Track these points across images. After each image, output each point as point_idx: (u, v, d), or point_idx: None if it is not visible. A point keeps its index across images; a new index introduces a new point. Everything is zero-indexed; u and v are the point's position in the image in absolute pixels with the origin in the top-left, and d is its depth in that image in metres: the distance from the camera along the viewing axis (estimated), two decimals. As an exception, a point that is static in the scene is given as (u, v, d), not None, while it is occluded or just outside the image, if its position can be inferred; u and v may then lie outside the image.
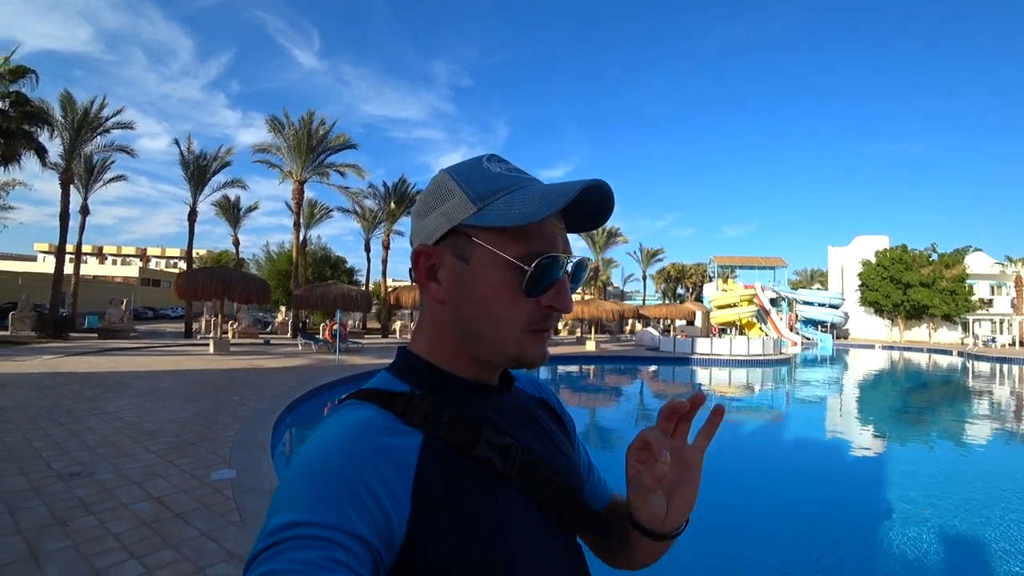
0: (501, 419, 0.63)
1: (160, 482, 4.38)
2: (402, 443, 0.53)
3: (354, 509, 0.45)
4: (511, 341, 0.59)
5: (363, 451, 0.50)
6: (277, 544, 0.42)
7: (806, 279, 70.01)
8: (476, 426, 0.58)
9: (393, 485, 0.49)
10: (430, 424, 0.56)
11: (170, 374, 11.17)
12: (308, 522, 0.43)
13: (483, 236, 0.58)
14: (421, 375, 0.62)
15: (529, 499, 0.59)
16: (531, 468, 0.60)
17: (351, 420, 0.54)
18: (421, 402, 0.57)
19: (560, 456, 0.68)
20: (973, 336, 35.18)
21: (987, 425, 10.97)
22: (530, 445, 0.63)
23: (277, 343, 21.66)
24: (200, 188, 24.58)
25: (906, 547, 4.64)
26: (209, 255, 55.53)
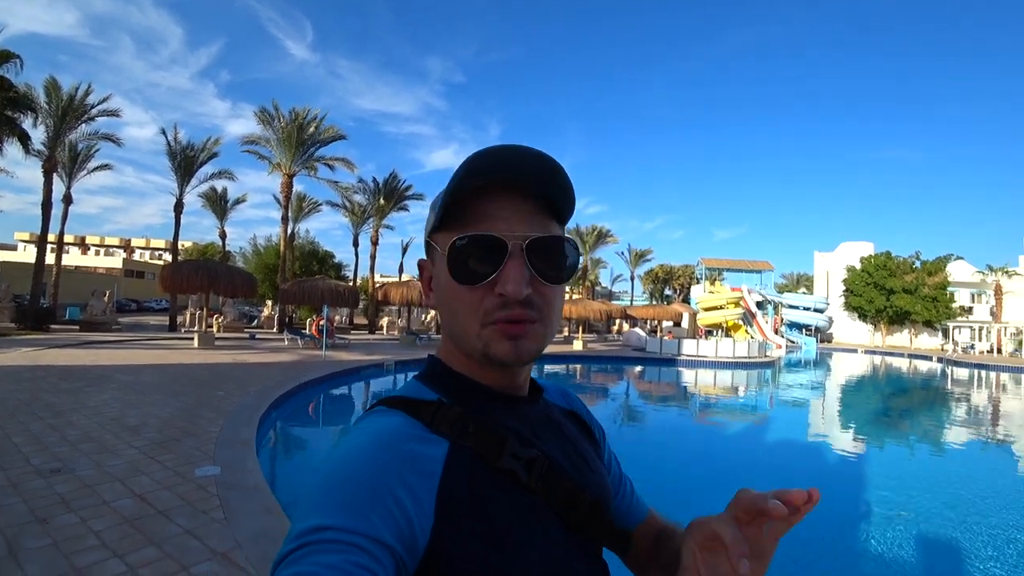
0: (528, 430, 0.62)
1: (143, 479, 4.33)
2: (428, 452, 0.53)
3: (379, 515, 0.46)
4: (473, 336, 0.58)
5: (390, 458, 0.51)
6: (303, 547, 0.43)
7: (792, 283, 70.76)
8: (502, 437, 0.57)
9: (418, 493, 0.50)
10: (456, 433, 0.56)
11: (153, 368, 11.03)
12: (333, 526, 0.44)
13: (435, 237, 0.61)
14: (449, 384, 0.62)
15: (554, 512, 0.58)
16: (556, 481, 0.59)
17: (379, 427, 0.55)
18: (449, 411, 0.57)
19: (587, 470, 0.67)
20: (953, 342, 35.81)
21: (964, 430, 11.19)
22: (556, 458, 0.62)
23: (263, 338, 21.47)
24: (187, 179, 24.23)
25: (882, 548, 4.73)
26: (195, 247, 54.91)
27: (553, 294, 0.59)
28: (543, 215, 0.60)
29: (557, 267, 0.59)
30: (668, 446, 8.98)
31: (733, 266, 44.18)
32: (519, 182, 0.57)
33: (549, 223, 0.60)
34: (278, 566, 0.42)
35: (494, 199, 0.57)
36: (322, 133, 24.67)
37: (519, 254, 0.56)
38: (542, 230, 0.58)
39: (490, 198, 0.57)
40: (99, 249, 73.13)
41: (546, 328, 0.59)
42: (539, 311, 0.58)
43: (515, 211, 0.57)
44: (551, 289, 0.59)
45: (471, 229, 0.56)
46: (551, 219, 0.61)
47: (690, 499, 5.64)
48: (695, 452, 8.32)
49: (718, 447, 8.76)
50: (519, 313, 0.56)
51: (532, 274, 0.57)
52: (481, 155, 0.55)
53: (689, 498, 5.66)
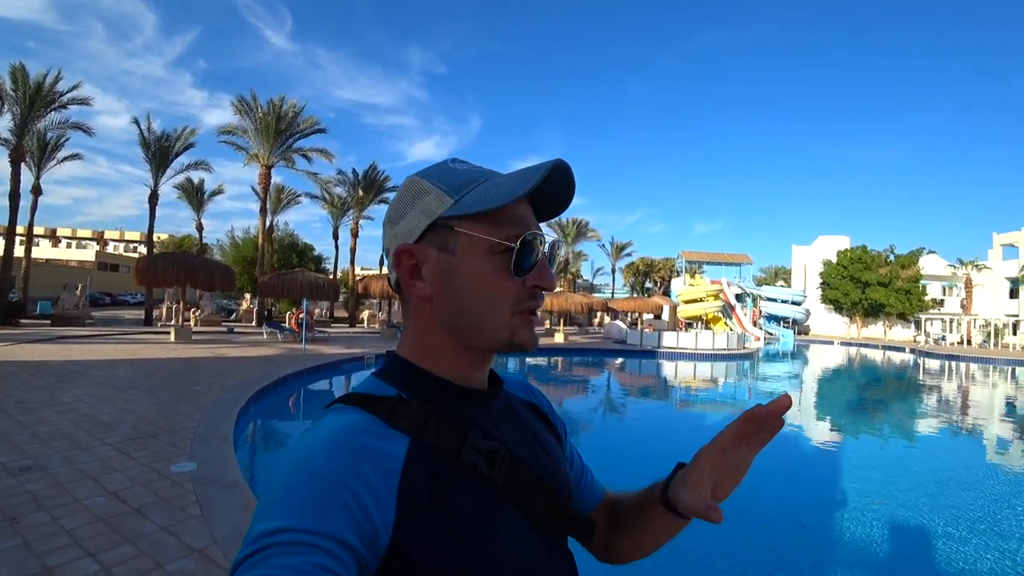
0: (489, 423, 0.63)
1: (117, 476, 4.25)
2: (388, 448, 0.53)
3: (339, 514, 0.45)
4: (503, 324, 0.60)
5: (348, 456, 0.50)
6: (262, 550, 0.42)
7: (771, 276, 71.82)
8: (463, 431, 0.58)
9: (379, 490, 0.49)
10: (416, 428, 0.55)
11: (128, 363, 10.82)
12: (293, 528, 0.43)
13: (465, 224, 0.59)
14: (408, 379, 0.62)
15: (516, 505, 0.59)
16: (518, 474, 0.60)
17: (337, 425, 0.54)
18: (408, 406, 0.57)
19: (549, 461, 0.68)
20: (925, 334, 36.75)
21: (935, 419, 11.51)
22: (518, 450, 0.63)
23: (241, 331, 21.18)
24: (162, 170, 23.69)
25: (857, 534, 4.88)
26: (171, 240, 53.80)
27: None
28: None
29: (552, 263, 0.66)
30: (648, 436, 9.09)
31: (713, 259, 44.72)
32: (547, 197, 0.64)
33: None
34: (237, 569, 0.42)
35: (524, 204, 0.62)
36: (301, 124, 24.28)
37: (544, 252, 0.62)
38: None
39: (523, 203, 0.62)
40: (71, 241, 71.33)
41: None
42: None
43: (532, 216, 0.64)
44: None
45: (517, 227, 0.60)
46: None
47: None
48: (674, 442, 8.42)
49: (697, 437, 8.79)
50: (538, 303, 0.63)
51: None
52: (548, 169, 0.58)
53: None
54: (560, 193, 0.64)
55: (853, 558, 4.52)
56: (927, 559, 4.51)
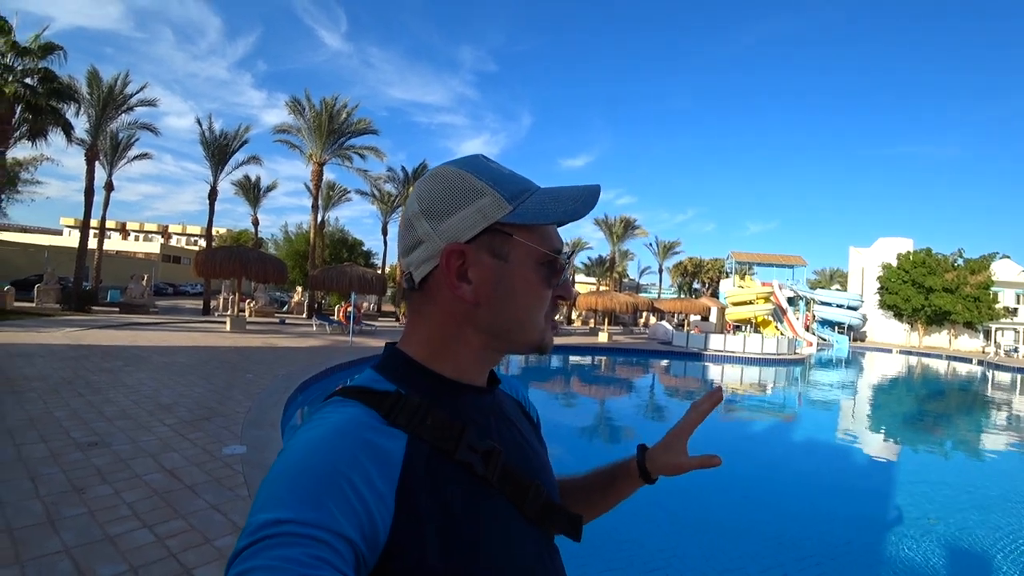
0: (485, 421, 0.64)
1: (173, 455, 4.51)
2: (387, 443, 0.53)
3: (338, 507, 0.45)
4: (538, 330, 0.64)
5: (349, 449, 0.50)
6: (261, 541, 0.42)
7: (825, 279, 68.98)
8: (460, 429, 0.58)
9: (379, 485, 0.49)
10: (414, 425, 0.56)
11: (187, 350, 11.41)
12: (292, 519, 0.43)
13: (521, 233, 0.61)
14: (408, 375, 0.62)
15: (511, 503, 0.60)
16: (512, 473, 0.61)
17: (337, 418, 0.54)
18: (406, 402, 0.57)
19: (536, 459, 0.70)
20: (995, 345, 34.46)
21: (1003, 437, 10.77)
22: (512, 449, 0.65)
23: (292, 323, 21.97)
24: (220, 167, 24.86)
25: (911, 557, 4.61)
26: (229, 233, 56.33)
27: None
28: None
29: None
30: (692, 441, 8.89)
31: (764, 260, 43.31)
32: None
33: None
34: (235, 559, 0.42)
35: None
36: (353, 124, 24.94)
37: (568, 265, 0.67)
38: None
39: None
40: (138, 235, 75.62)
41: None
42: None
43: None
44: None
45: (557, 242, 0.65)
46: None
47: (711, 498, 5.60)
48: (717, 449, 8.22)
49: (742, 444, 8.63)
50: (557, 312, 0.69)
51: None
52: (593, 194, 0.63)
53: (711, 498, 5.62)
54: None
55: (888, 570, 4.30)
56: None
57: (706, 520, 5.09)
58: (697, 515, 5.16)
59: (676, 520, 4.93)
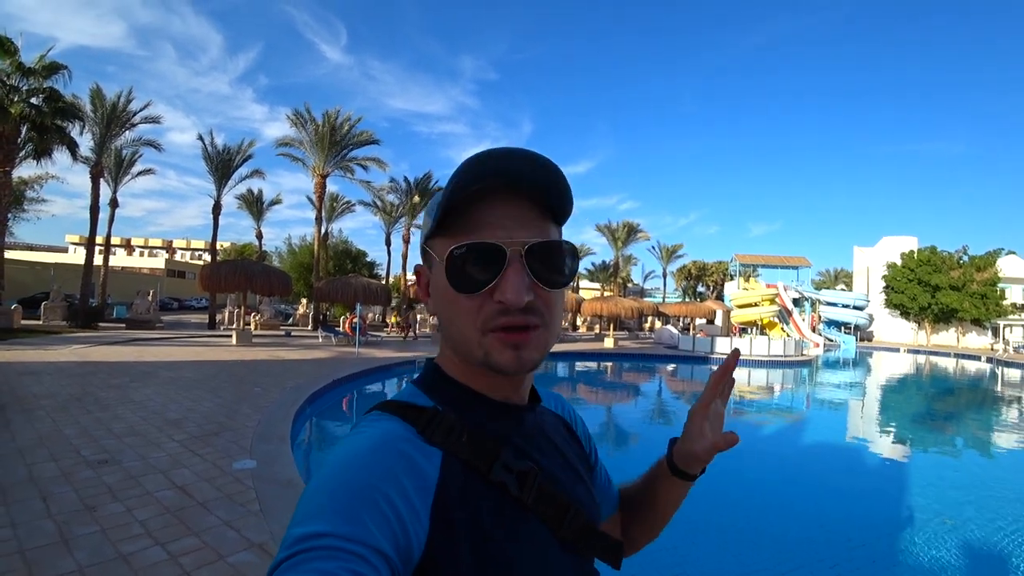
0: (524, 442, 0.62)
1: (184, 471, 4.50)
2: (423, 460, 0.53)
3: (375, 523, 0.45)
4: (474, 344, 0.57)
5: (386, 465, 0.50)
6: (299, 554, 0.42)
7: (830, 280, 68.74)
8: (495, 448, 0.57)
9: (414, 502, 0.49)
10: (450, 443, 0.55)
11: (194, 364, 11.42)
12: (330, 533, 0.43)
13: (432, 243, 0.60)
14: (446, 391, 0.62)
15: (546, 526, 0.58)
16: (549, 495, 0.59)
17: (376, 433, 0.54)
18: (443, 420, 0.57)
19: (579, 483, 0.67)
20: (1004, 342, 34.21)
21: (1015, 435, 10.67)
22: (550, 470, 0.62)
23: (298, 335, 22.00)
24: (224, 181, 24.99)
25: (923, 557, 4.56)
26: (233, 247, 56.55)
27: (554, 299, 0.59)
28: (541, 219, 0.59)
29: (557, 271, 0.58)
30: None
31: (769, 262, 43.16)
32: (516, 186, 0.57)
33: (547, 227, 0.60)
34: (274, 571, 0.42)
35: (491, 205, 0.57)
36: (355, 136, 25.07)
37: (518, 260, 0.55)
38: (540, 235, 0.57)
39: (487, 204, 0.56)
40: (143, 250, 76.10)
41: (548, 333, 0.59)
42: (540, 316, 0.57)
43: (513, 216, 0.57)
44: (552, 294, 0.58)
45: (469, 236, 0.56)
46: (549, 222, 0.60)
47: (718, 501, 5.55)
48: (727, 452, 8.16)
49: (751, 447, 8.57)
50: (519, 319, 0.56)
51: (532, 280, 0.56)
52: (476, 160, 0.54)
53: (717, 500, 5.57)
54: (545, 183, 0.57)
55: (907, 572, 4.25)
56: None
57: (714, 522, 5.04)
58: (706, 517, 5.11)
59: (685, 521, 4.89)
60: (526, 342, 0.56)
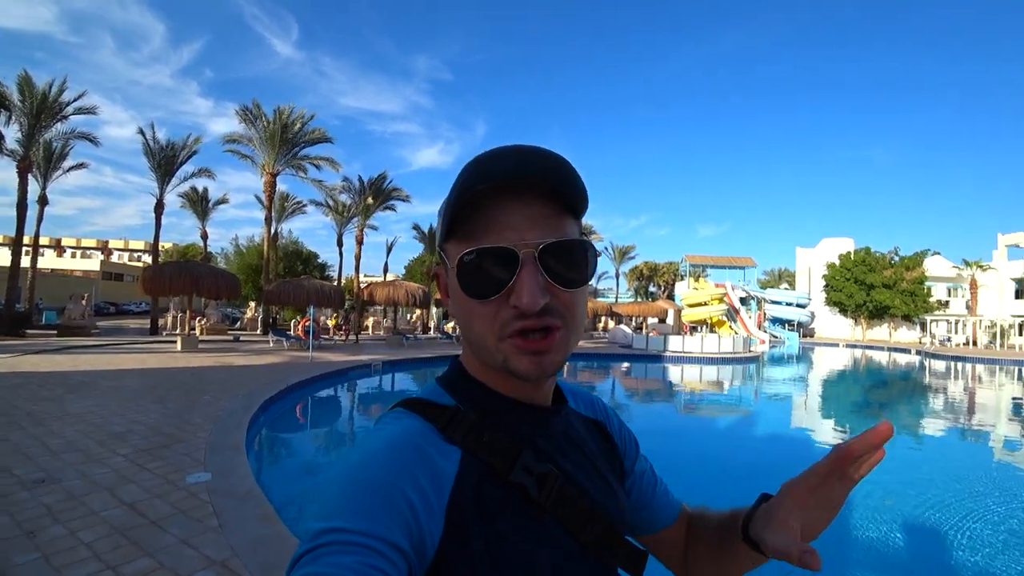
0: (547, 444, 0.61)
1: (132, 487, 4.24)
2: (441, 458, 0.53)
3: (393, 519, 0.46)
4: (492, 349, 0.56)
5: (404, 462, 0.51)
6: (319, 548, 0.43)
7: (775, 279, 71.63)
8: (516, 450, 0.56)
9: (431, 499, 0.50)
10: (470, 443, 0.55)
11: (136, 373, 10.84)
12: (348, 528, 0.44)
13: (447, 247, 0.59)
14: (468, 390, 0.62)
15: (566, 531, 0.57)
16: (569, 500, 0.57)
17: (396, 430, 0.55)
18: (463, 418, 0.57)
19: (605, 488, 0.65)
20: (930, 336, 36.57)
21: (942, 421, 11.50)
22: (573, 474, 0.61)
23: (247, 340, 21.21)
24: (167, 179, 23.80)
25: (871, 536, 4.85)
26: (175, 248, 54.10)
27: (574, 299, 0.56)
28: (556, 216, 0.56)
29: (576, 270, 0.56)
30: (654, 442, 9.05)
31: (717, 263, 44.70)
32: (526, 184, 0.54)
33: (563, 223, 0.57)
34: (295, 565, 0.43)
35: (502, 205, 0.54)
36: (308, 134, 24.37)
37: (532, 263, 0.53)
38: (556, 233, 0.55)
39: (498, 204, 0.54)
40: (76, 251, 71.67)
41: (570, 334, 0.57)
42: (561, 317, 0.55)
43: (525, 216, 0.54)
44: (571, 294, 0.56)
45: (481, 239, 0.54)
46: (566, 218, 0.57)
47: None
48: (682, 447, 8.37)
49: (705, 441, 8.84)
50: (537, 323, 0.54)
51: (548, 281, 0.54)
52: (484, 159, 0.53)
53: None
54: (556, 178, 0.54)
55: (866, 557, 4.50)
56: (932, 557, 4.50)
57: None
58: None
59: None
60: (546, 348, 0.55)
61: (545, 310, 0.53)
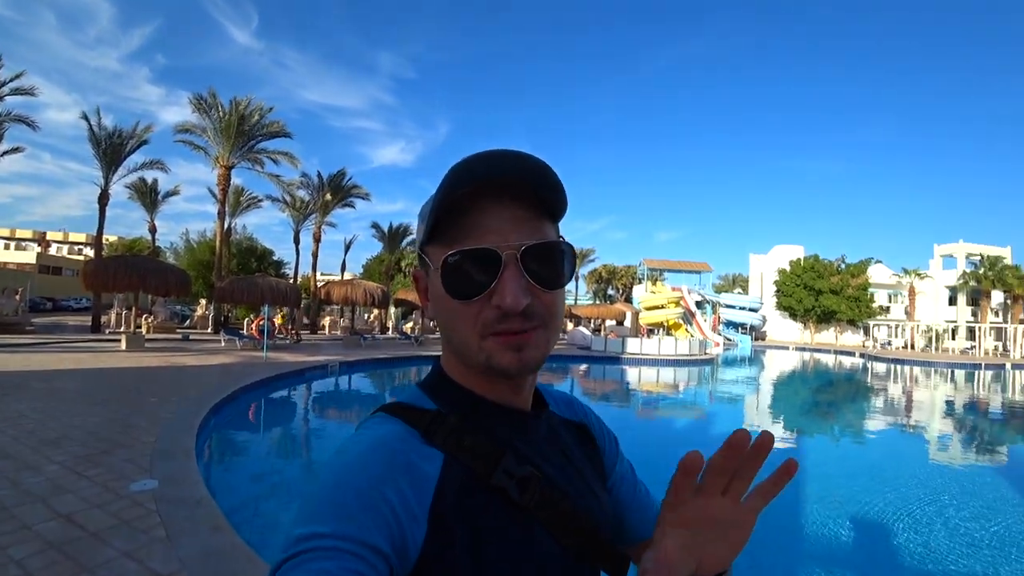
0: (528, 447, 0.61)
1: (68, 497, 3.98)
2: (424, 462, 0.53)
3: (374, 523, 0.46)
4: (474, 349, 0.56)
5: (385, 466, 0.51)
6: (300, 554, 0.43)
7: (728, 284, 73.87)
8: (497, 453, 0.57)
9: (412, 503, 0.50)
10: (451, 446, 0.55)
11: (76, 373, 10.23)
12: (329, 534, 0.44)
13: (428, 249, 0.60)
14: (449, 394, 0.62)
15: (547, 533, 0.57)
16: (551, 501, 0.57)
17: (377, 434, 0.55)
18: (445, 423, 0.57)
19: (586, 491, 0.65)
20: (873, 339, 38.41)
21: (883, 419, 12.24)
22: (554, 477, 0.61)
23: (197, 339, 20.38)
24: (113, 168, 22.52)
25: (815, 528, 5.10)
26: (120, 242, 51.51)
27: (553, 299, 0.58)
28: (536, 219, 0.58)
29: (555, 272, 0.57)
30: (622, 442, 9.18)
31: (674, 267, 45.74)
32: (509, 187, 0.55)
33: (543, 226, 0.58)
34: (276, 571, 0.43)
35: (484, 208, 0.55)
36: (265, 126, 23.59)
37: (514, 264, 0.54)
38: (536, 235, 0.56)
39: (480, 207, 0.55)
40: (9, 242, 67.31)
41: (549, 334, 0.58)
42: (540, 318, 0.56)
43: (507, 219, 0.55)
44: (551, 295, 0.57)
45: (463, 241, 0.55)
46: (545, 221, 0.59)
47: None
48: (639, 447, 8.51)
49: (662, 441, 8.99)
50: (518, 324, 0.55)
51: (529, 282, 0.55)
52: (466, 163, 0.54)
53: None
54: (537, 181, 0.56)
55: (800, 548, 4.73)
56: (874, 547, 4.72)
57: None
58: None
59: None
60: (527, 343, 0.56)
61: (526, 310, 0.55)
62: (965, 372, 24.09)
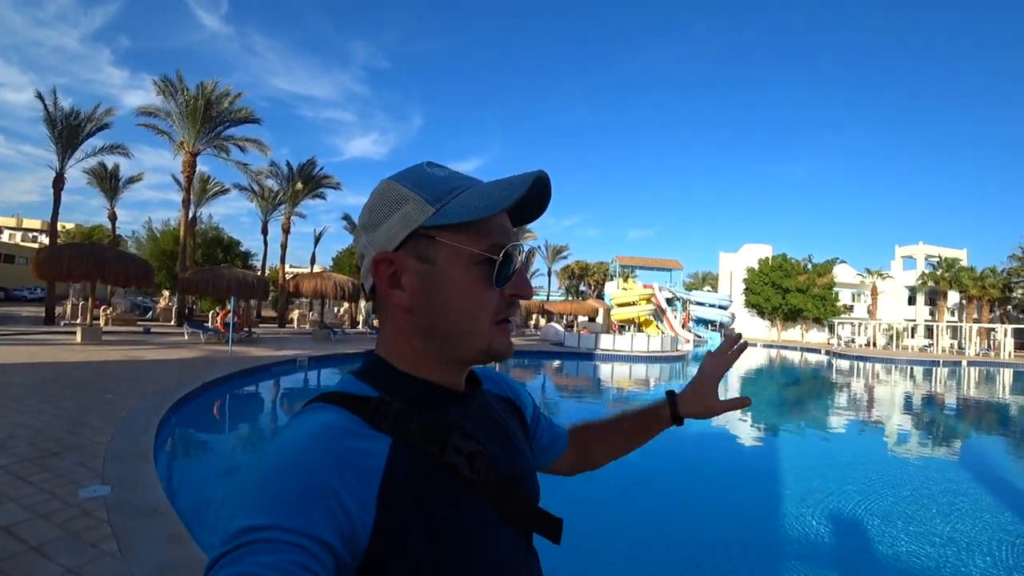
0: (470, 425, 0.63)
1: (10, 506, 3.67)
2: (369, 448, 0.53)
3: (318, 512, 0.45)
4: (482, 335, 0.60)
5: (328, 454, 0.50)
6: (240, 548, 0.42)
7: (699, 281, 75.07)
8: (445, 432, 0.58)
9: (358, 490, 0.49)
10: (399, 430, 0.55)
11: (24, 368, 9.68)
12: (271, 526, 0.43)
13: (447, 234, 0.58)
14: (388, 380, 0.62)
15: (494, 506, 0.60)
16: (496, 474, 0.60)
17: (316, 423, 0.53)
18: (389, 407, 0.57)
19: (522, 461, 0.70)
20: (837, 337, 39.55)
21: (847, 414, 12.73)
22: (495, 451, 0.64)
23: (159, 331, 19.66)
24: (70, 152, 21.48)
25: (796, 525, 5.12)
26: (78, 229, 49.47)
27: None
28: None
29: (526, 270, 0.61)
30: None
31: (645, 264, 46.19)
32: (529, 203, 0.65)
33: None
34: (212, 567, 0.41)
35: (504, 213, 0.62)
36: (234, 112, 22.80)
37: (522, 260, 0.64)
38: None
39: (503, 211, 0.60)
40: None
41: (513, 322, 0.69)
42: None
43: (509, 222, 0.64)
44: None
45: (498, 237, 0.60)
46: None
47: (602, 486, 5.71)
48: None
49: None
50: (515, 312, 0.64)
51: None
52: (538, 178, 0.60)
53: (602, 485, 5.73)
54: (535, 201, 0.65)
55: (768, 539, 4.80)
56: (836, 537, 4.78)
57: (607, 516, 5.16)
58: (598, 508, 5.22)
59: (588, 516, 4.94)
60: (512, 330, 0.66)
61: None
62: (923, 369, 25.02)
